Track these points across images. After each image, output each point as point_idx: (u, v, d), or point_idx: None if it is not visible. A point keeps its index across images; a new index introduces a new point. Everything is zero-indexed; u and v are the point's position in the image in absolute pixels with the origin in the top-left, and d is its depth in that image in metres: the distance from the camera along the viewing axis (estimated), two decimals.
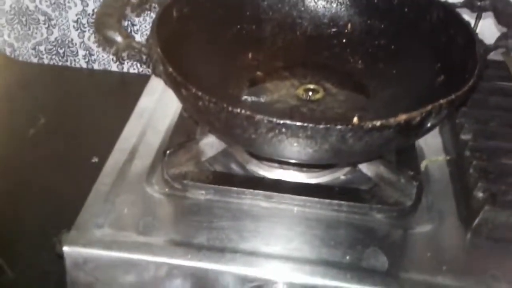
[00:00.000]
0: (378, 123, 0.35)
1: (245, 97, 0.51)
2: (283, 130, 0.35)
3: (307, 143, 0.36)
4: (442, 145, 0.51)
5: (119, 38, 0.42)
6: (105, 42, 0.43)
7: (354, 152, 0.38)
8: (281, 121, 0.35)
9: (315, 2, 0.56)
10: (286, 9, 0.56)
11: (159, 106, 0.57)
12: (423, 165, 0.48)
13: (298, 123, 0.35)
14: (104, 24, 0.42)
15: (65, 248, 0.41)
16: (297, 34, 0.56)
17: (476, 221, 0.41)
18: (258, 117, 0.35)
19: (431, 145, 0.51)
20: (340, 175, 0.48)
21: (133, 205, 0.45)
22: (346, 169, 0.48)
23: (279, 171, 0.48)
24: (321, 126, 0.35)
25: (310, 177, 0.48)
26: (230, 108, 0.36)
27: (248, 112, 0.36)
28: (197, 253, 0.40)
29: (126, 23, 0.73)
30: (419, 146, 0.50)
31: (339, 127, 0.35)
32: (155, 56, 0.42)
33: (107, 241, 0.41)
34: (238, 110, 0.36)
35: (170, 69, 0.40)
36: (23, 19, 0.75)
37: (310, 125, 0.35)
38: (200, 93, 0.37)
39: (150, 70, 0.44)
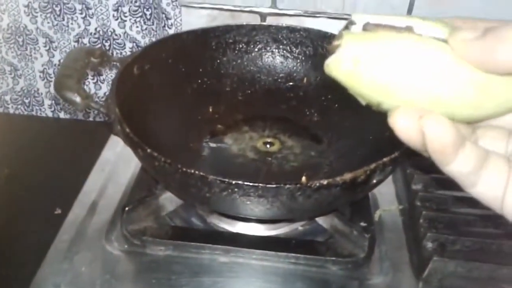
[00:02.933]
0: (325, 182, 0.36)
1: (205, 151, 0.53)
2: (236, 189, 0.37)
3: (259, 201, 0.37)
4: (395, 194, 0.53)
5: (78, 99, 0.43)
6: (64, 101, 0.44)
7: (305, 209, 0.39)
8: (233, 182, 0.36)
9: (273, 58, 0.59)
10: (245, 64, 0.58)
11: (121, 158, 0.57)
12: (377, 214, 0.50)
13: (250, 183, 0.36)
14: (63, 85, 0.44)
15: None
16: (256, 87, 0.59)
17: (426, 271, 0.43)
18: (211, 177, 0.36)
19: (385, 194, 0.53)
20: (298, 226, 0.49)
21: (92, 263, 0.44)
22: (304, 221, 0.50)
23: (239, 224, 0.49)
24: (271, 186, 0.36)
25: (270, 229, 0.49)
26: (184, 169, 0.37)
27: (201, 173, 0.37)
28: None
29: (92, 73, 0.75)
30: (373, 195, 0.52)
31: (288, 186, 0.36)
32: (113, 116, 0.43)
33: None
34: (192, 171, 0.37)
35: (127, 130, 0.41)
36: None
37: (261, 185, 0.36)
38: (155, 154, 0.38)
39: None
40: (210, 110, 0.56)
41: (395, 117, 0.22)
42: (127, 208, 0.46)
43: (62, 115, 0.79)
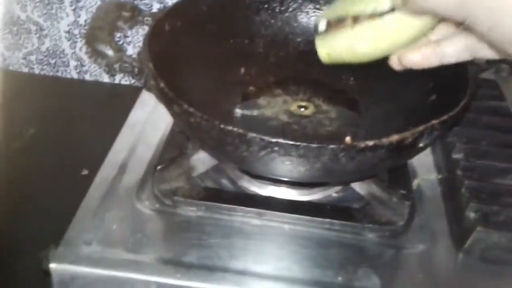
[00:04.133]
0: (371, 143, 0.34)
1: (237, 112, 0.51)
2: (276, 148, 0.35)
3: (300, 162, 0.36)
4: (434, 164, 0.51)
5: (110, 52, 0.42)
6: (96, 55, 0.43)
7: (347, 171, 0.38)
8: (274, 140, 0.35)
9: (308, 18, 0.56)
10: (278, 25, 0.56)
11: (150, 119, 0.56)
12: (415, 183, 0.48)
13: (291, 142, 0.34)
14: (95, 37, 0.42)
15: (52, 265, 0.40)
16: (289, 49, 0.56)
17: (468, 242, 0.41)
18: (250, 135, 0.35)
19: (423, 164, 0.51)
20: (332, 192, 0.48)
21: (123, 221, 0.44)
22: (338, 187, 0.48)
23: (270, 187, 0.48)
24: (314, 145, 0.34)
25: (302, 194, 0.48)
26: (222, 126, 0.36)
27: (240, 130, 0.35)
28: (186, 272, 0.39)
29: (118, 35, 0.73)
30: (411, 164, 0.50)
31: (331, 146, 0.34)
32: (147, 70, 0.42)
33: (95, 258, 0.41)
34: (230, 128, 0.35)
35: (162, 85, 0.39)
36: (14, 29, 0.75)
37: (303, 144, 0.34)
38: (192, 110, 0.37)
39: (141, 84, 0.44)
40: (242, 71, 0.55)
41: (392, 63, 0.42)
42: (159, 167, 0.45)
43: (87, 77, 0.78)
